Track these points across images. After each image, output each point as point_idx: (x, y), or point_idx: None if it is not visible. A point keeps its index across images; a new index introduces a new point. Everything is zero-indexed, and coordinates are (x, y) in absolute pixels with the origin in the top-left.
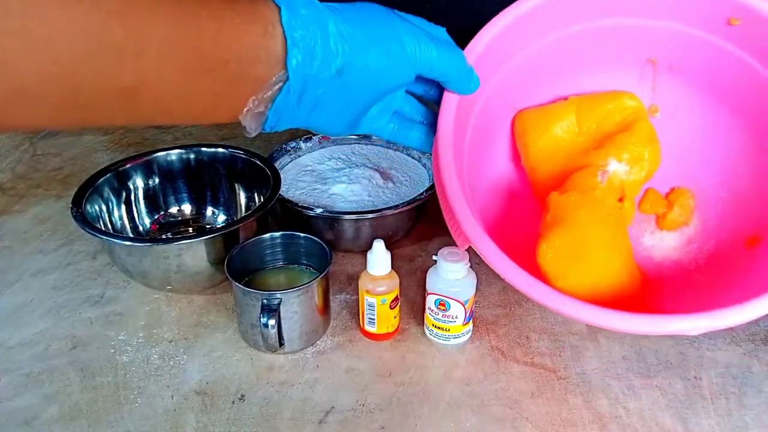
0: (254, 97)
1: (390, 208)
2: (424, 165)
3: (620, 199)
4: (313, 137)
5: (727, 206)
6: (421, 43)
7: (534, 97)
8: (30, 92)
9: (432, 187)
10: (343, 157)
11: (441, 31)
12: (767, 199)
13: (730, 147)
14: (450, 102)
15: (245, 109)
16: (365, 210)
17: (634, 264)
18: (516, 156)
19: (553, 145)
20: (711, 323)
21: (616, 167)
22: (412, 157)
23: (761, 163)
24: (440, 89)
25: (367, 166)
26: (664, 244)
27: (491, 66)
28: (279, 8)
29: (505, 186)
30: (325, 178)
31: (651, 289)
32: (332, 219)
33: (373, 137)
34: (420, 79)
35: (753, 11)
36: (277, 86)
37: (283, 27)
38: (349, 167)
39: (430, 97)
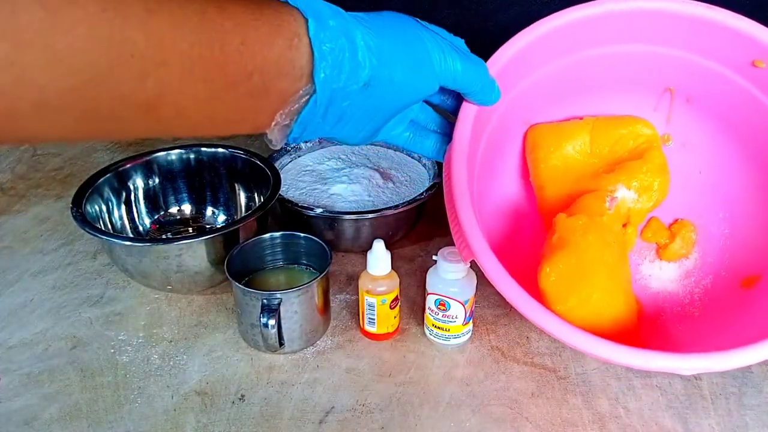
0: (281, 111)
1: (390, 208)
2: (424, 165)
3: (623, 225)
4: None
5: (728, 243)
6: (447, 55)
7: (549, 113)
8: (52, 104)
9: (432, 187)
10: (343, 157)
11: (461, 42)
12: None
13: (736, 184)
14: (468, 112)
15: (273, 124)
16: (365, 210)
17: (632, 294)
18: (524, 173)
19: (564, 163)
20: (705, 365)
21: (625, 194)
22: (412, 157)
23: (766, 203)
24: (457, 100)
25: (367, 166)
26: (662, 274)
27: (510, 80)
28: (305, 19)
29: (511, 203)
30: (325, 178)
31: (646, 320)
32: (332, 219)
33: None
34: (440, 89)
35: None
36: (303, 99)
37: (310, 39)
38: (349, 167)
39: (447, 107)
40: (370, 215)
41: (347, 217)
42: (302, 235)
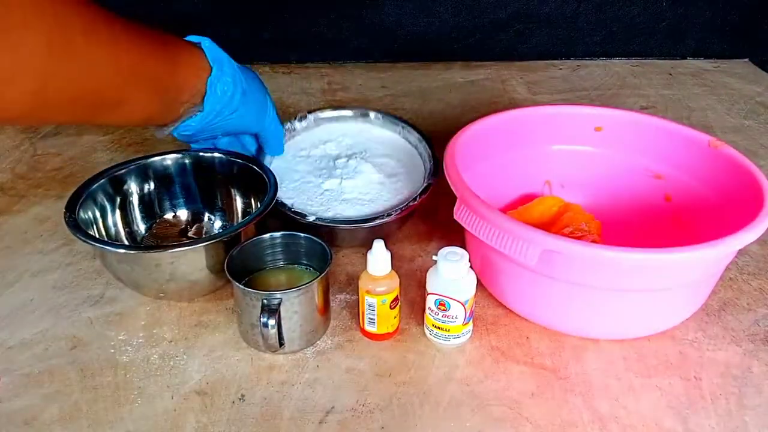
0: (186, 109)
1: (388, 214)
2: (419, 155)
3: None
4: (308, 115)
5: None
6: (273, 108)
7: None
8: (51, 99)
9: (430, 187)
10: (340, 139)
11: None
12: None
13: (613, 201)
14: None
15: (179, 117)
16: (362, 219)
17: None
18: None
19: (537, 220)
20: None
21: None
22: (410, 144)
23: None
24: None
25: (364, 158)
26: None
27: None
28: (209, 63)
29: None
30: (320, 168)
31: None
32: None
33: (371, 115)
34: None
35: (612, 117)
36: (196, 110)
37: (208, 77)
38: (346, 157)
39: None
40: (366, 224)
41: (342, 226)
42: (302, 235)
